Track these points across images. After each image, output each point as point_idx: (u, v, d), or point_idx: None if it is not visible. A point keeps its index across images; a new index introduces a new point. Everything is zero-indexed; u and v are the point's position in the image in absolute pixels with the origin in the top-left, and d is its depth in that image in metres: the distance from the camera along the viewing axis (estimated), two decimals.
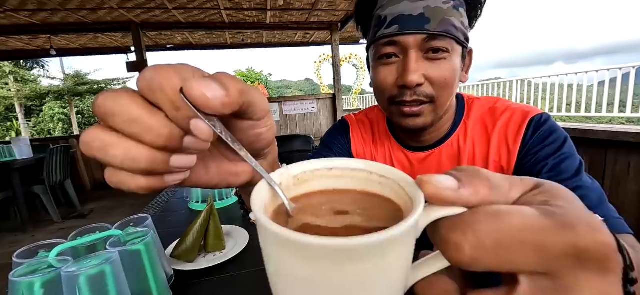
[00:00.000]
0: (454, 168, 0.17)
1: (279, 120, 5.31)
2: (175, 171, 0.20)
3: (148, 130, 0.17)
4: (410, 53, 0.48)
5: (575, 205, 0.15)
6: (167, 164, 0.19)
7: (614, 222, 0.42)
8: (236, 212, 0.95)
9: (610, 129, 1.32)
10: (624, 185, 1.29)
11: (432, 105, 0.51)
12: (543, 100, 5.43)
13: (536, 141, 0.49)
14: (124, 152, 0.17)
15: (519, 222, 0.14)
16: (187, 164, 0.20)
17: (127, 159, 0.17)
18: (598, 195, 0.44)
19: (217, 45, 5.80)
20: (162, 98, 0.17)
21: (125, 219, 0.53)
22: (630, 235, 0.41)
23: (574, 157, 0.47)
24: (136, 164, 0.18)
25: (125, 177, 0.18)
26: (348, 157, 0.64)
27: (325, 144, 0.69)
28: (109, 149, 0.17)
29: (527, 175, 0.19)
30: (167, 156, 0.19)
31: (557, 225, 0.13)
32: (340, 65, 5.38)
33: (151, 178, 0.19)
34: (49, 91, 10.69)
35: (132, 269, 0.44)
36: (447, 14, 0.47)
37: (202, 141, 0.19)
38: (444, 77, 0.49)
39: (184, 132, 0.18)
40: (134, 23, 4.15)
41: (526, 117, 0.51)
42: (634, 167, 1.26)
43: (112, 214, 3.53)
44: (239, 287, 0.56)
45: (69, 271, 0.36)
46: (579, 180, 0.45)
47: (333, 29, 4.98)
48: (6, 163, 2.86)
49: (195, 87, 0.16)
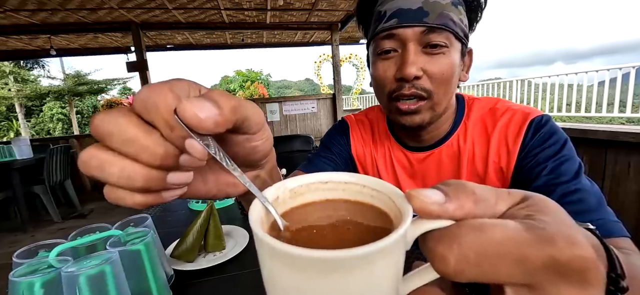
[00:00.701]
0: (442, 182, 0.17)
1: (279, 120, 5.31)
2: (172, 188, 0.20)
3: (143, 150, 0.17)
4: (408, 45, 0.48)
5: (558, 219, 0.15)
6: (163, 181, 0.19)
7: (611, 226, 0.42)
8: (236, 212, 0.95)
9: (610, 129, 1.32)
10: (624, 185, 1.29)
11: (429, 102, 0.50)
12: (543, 100, 5.43)
13: (536, 143, 0.49)
14: (120, 170, 0.17)
15: (501, 235, 0.14)
16: (183, 181, 0.20)
17: (123, 177, 0.18)
18: (597, 199, 0.44)
19: (217, 45, 5.80)
20: (157, 118, 0.17)
21: (125, 219, 0.53)
22: (627, 239, 0.41)
23: (573, 159, 0.47)
24: (132, 182, 0.18)
25: (122, 194, 0.19)
26: (348, 157, 0.67)
27: (325, 144, 0.69)
28: (106, 168, 0.17)
29: (527, 177, 0.20)
30: (163, 174, 0.19)
31: (538, 239, 0.14)
32: (340, 65, 5.38)
33: (148, 195, 0.19)
34: (48, 91, 10.67)
35: (132, 269, 0.44)
36: (445, 8, 0.47)
37: (197, 160, 0.19)
38: (442, 72, 0.48)
39: (179, 150, 0.18)
40: (134, 23, 4.15)
41: (526, 119, 0.51)
42: (634, 167, 1.26)
43: (112, 214, 3.52)
44: (239, 287, 0.56)
45: (69, 271, 0.36)
46: (578, 183, 0.44)
47: (333, 29, 4.98)
48: (6, 163, 2.86)
49: (188, 108, 0.16)
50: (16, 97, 10.53)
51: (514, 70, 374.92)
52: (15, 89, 10.55)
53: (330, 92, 5.77)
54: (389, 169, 0.64)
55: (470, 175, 0.55)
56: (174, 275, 0.56)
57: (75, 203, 3.61)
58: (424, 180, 0.60)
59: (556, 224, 0.15)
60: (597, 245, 0.17)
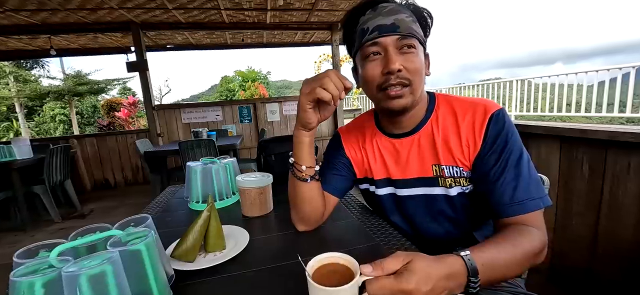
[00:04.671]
0: (374, 261, 0.44)
1: (279, 120, 5.31)
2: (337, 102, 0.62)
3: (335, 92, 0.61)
4: (389, 49, 0.65)
5: (416, 272, 0.42)
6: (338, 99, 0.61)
7: (530, 204, 0.59)
8: (236, 212, 0.96)
9: (611, 129, 1.32)
10: (624, 185, 1.29)
11: (410, 88, 0.66)
12: (543, 100, 5.43)
13: (492, 133, 0.65)
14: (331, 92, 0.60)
15: (387, 283, 0.41)
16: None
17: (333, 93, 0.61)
18: (527, 182, 0.60)
19: (217, 45, 5.80)
20: (340, 87, 0.61)
21: (126, 219, 0.53)
22: (539, 212, 0.59)
23: (516, 150, 0.63)
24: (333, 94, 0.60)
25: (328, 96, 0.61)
26: (346, 164, 0.85)
27: (327, 160, 0.86)
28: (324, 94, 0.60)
29: (482, 162, 0.66)
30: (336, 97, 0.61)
31: (398, 282, 0.41)
32: (340, 65, 5.37)
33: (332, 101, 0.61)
34: (49, 91, 10.65)
35: (133, 269, 0.44)
36: (409, 23, 0.66)
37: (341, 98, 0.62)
38: (415, 66, 0.66)
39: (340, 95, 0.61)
40: (134, 23, 4.15)
41: (487, 113, 0.66)
42: (634, 167, 1.25)
43: (112, 214, 3.53)
44: (240, 287, 0.56)
45: (69, 271, 0.36)
46: (518, 169, 0.61)
47: (333, 29, 4.98)
48: (6, 163, 2.86)
49: (347, 84, 0.62)
50: (16, 97, 10.51)
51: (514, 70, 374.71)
52: (16, 89, 10.54)
53: None
54: (377, 158, 0.79)
55: (445, 153, 0.70)
56: (174, 275, 0.56)
57: (75, 203, 3.61)
58: (408, 163, 0.74)
59: (411, 274, 0.42)
60: (459, 268, 0.47)
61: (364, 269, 0.42)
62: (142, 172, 4.93)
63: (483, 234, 0.76)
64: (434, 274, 0.43)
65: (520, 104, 6.03)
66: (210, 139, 3.05)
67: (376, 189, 0.80)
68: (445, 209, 0.72)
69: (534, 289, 0.73)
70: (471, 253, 0.48)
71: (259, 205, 0.91)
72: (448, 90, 7.85)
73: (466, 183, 0.69)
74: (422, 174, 0.72)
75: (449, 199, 0.71)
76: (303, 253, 0.50)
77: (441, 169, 0.70)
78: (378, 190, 0.79)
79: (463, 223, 0.74)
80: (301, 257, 0.47)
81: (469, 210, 0.71)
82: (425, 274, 0.42)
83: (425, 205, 0.74)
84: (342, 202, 0.99)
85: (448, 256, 0.47)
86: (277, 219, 0.88)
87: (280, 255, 0.66)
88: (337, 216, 0.86)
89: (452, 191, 0.69)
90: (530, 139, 1.69)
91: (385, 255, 0.45)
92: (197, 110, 4.99)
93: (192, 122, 4.96)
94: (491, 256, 0.50)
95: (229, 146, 3.25)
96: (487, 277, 0.48)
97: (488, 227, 0.76)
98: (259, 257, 0.66)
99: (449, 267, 0.45)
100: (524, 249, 0.53)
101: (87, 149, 4.73)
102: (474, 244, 0.52)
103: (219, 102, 5.30)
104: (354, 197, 1.04)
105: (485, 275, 0.48)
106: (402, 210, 0.78)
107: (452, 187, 0.69)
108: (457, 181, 0.69)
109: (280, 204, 0.97)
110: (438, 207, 0.73)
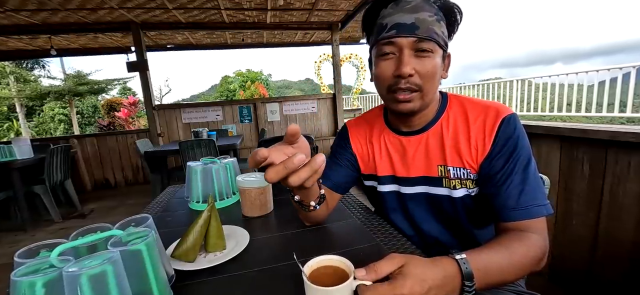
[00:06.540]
0: (368, 265, 0.44)
1: (279, 120, 5.31)
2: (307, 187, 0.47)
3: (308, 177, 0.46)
4: (404, 51, 0.62)
5: (410, 276, 0.42)
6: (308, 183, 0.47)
7: (534, 210, 0.58)
8: (237, 212, 0.96)
9: (611, 129, 1.32)
10: (624, 185, 1.29)
11: (420, 93, 0.65)
12: (543, 100, 5.42)
13: (502, 136, 0.63)
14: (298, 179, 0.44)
15: (381, 289, 0.40)
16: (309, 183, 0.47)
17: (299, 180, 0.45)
18: (533, 188, 0.60)
19: (217, 45, 5.80)
20: (318, 172, 0.46)
21: (126, 219, 0.53)
22: (542, 219, 0.59)
23: (524, 155, 0.62)
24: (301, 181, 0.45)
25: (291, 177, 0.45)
26: (351, 159, 0.84)
27: (333, 154, 0.86)
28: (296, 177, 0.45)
29: (490, 164, 0.63)
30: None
31: (392, 288, 0.40)
32: (340, 65, 5.37)
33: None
34: (49, 91, 10.65)
35: (134, 268, 0.44)
36: (431, 24, 0.61)
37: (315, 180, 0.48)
38: (428, 71, 0.63)
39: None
40: (134, 23, 4.15)
41: (499, 116, 0.65)
42: (634, 167, 1.25)
43: (113, 214, 3.53)
44: (240, 287, 0.56)
45: (70, 271, 0.36)
46: (525, 174, 0.61)
47: (333, 28, 4.98)
48: (6, 163, 2.86)
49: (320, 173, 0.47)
50: (17, 97, 10.52)
51: (514, 70, 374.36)
52: (16, 89, 10.55)
53: (331, 92, 5.77)
54: (383, 154, 0.79)
55: (452, 154, 0.68)
56: (175, 275, 0.56)
57: (75, 203, 3.61)
58: (414, 161, 0.73)
59: (405, 279, 0.41)
60: (453, 271, 0.46)
61: (358, 272, 0.42)
62: (143, 172, 4.94)
63: (484, 236, 0.76)
64: (428, 278, 0.43)
65: (521, 104, 6.04)
66: (210, 139, 3.05)
67: (379, 186, 0.80)
68: (447, 209, 0.72)
69: (534, 288, 0.73)
70: (467, 257, 0.47)
71: (259, 205, 0.91)
72: (448, 90, 7.85)
73: (472, 185, 0.68)
74: (427, 173, 0.72)
75: (452, 200, 0.70)
76: (303, 253, 0.50)
77: (447, 170, 0.69)
78: (381, 187, 0.79)
79: (464, 225, 0.73)
80: (301, 257, 0.47)
81: (471, 212, 0.71)
82: (420, 277, 0.42)
83: (426, 204, 0.74)
84: (343, 203, 0.99)
85: (443, 259, 0.47)
86: (278, 219, 0.88)
87: (280, 256, 0.66)
88: (338, 216, 0.86)
89: (456, 193, 0.69)
90: (531, 139, 1.69)
91: (382, 256, 0.45)
92: (197, 110, 4.99)
93: (192, 122, 4.96)
94: (488, 261, 0.49)
95: (229, 146, 3.25)
96: (483, 282, 0.48)
97: (489, 229, 0.76)
98: (259, 257, 0.66)
99: (444, 270, 0.45)
100: (522, 256, 0.53)
101: (88, 149, 4.73)
102: (474, 247, 0.52)
103: (219, 102, 5.28)
104: (354, 198, 1.04)
105: (481, 279, 0.47)
106: (403, 208, 0.78)
107: (457, 189, 0.69)
108: (464, 183, 0.68)
109: (281, 204, 0.97)
110: (439, 207, 0.73)
